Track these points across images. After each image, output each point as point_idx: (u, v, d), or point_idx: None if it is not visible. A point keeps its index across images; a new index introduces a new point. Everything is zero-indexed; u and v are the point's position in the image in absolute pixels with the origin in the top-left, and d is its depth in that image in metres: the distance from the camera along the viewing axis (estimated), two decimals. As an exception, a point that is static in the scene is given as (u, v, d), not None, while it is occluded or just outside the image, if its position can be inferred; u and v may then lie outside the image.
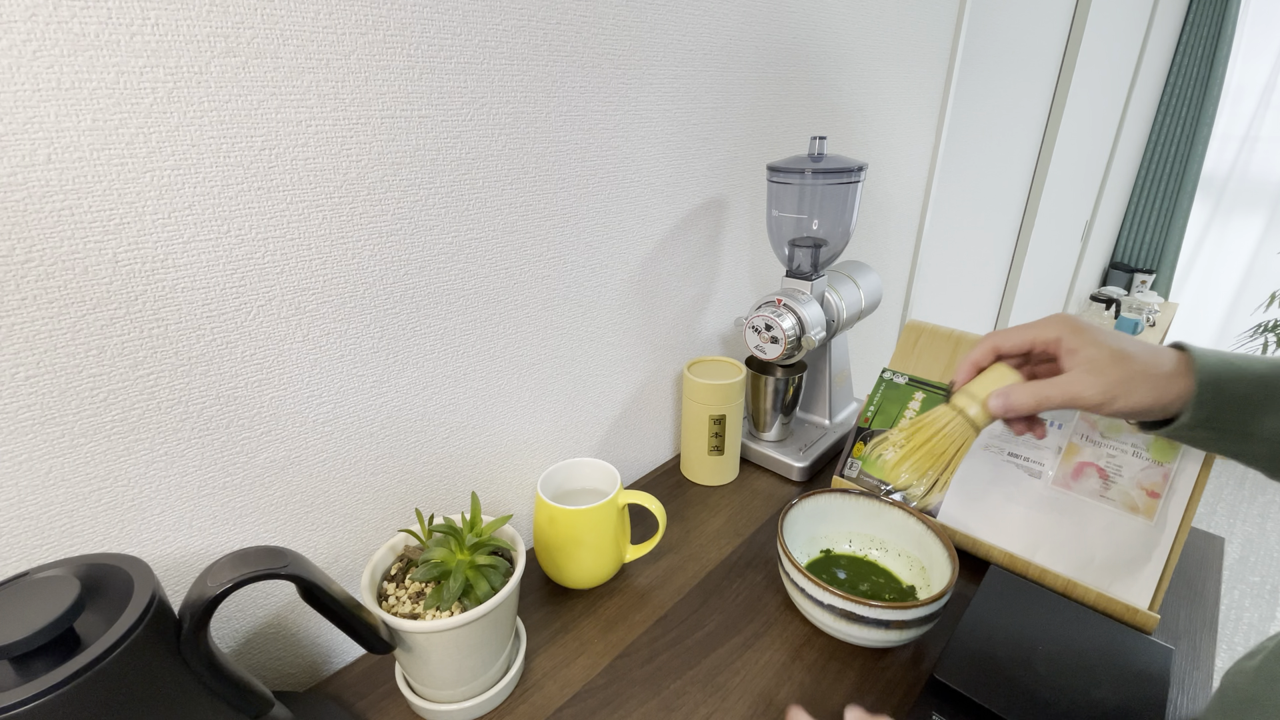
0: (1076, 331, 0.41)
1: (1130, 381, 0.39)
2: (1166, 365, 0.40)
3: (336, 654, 0.54)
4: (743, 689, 0.49)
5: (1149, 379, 0.40)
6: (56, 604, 0.28)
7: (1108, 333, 0.41)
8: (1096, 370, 0.40)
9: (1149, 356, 0.40)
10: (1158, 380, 0.40)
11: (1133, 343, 0.41)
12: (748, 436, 0.79)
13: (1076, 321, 0.42)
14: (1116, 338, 0.41)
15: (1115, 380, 0.39)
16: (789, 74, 0.80)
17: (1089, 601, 0.54)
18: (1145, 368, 0.40)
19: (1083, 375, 0.40)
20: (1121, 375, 0.39)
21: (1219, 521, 2.15)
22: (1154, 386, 0.40)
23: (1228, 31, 2.66)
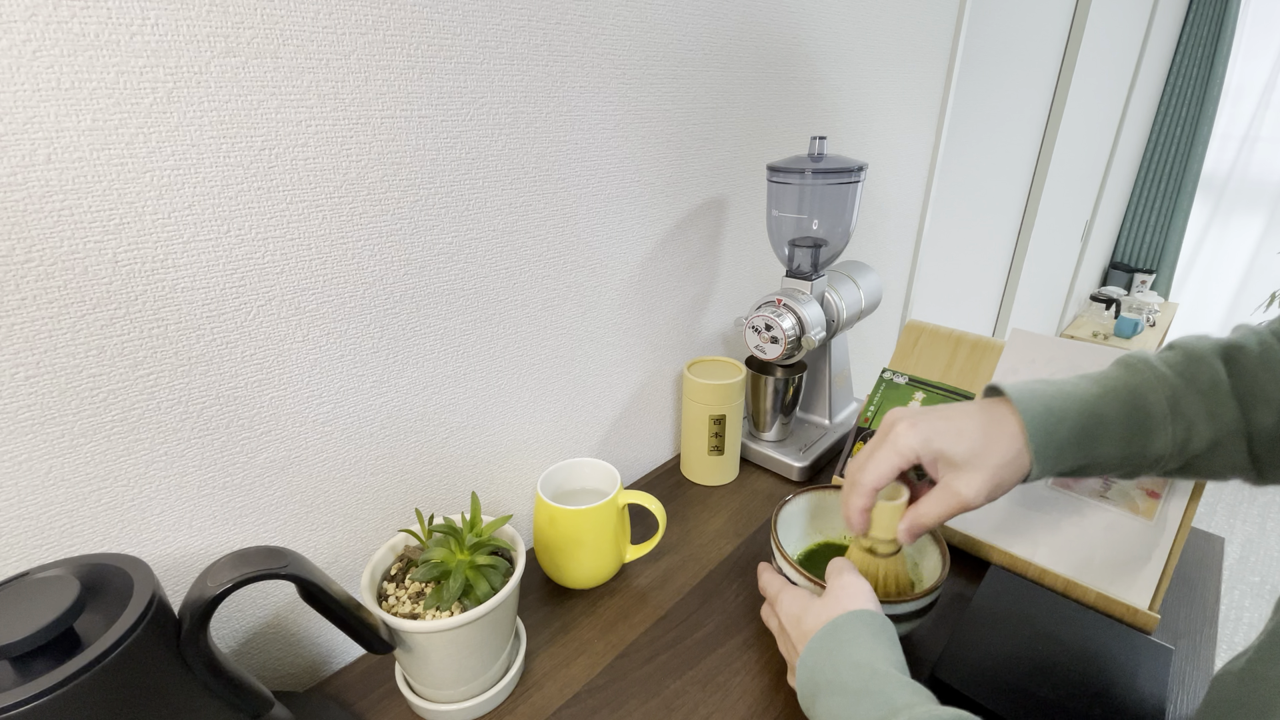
0: (927, 443, 0.44)
1: (1001, 471, 0.43)
2: (1009, 433, 0.43)
3: (336, 654, 0.54)
4: (743, 689, 0.49)
5: (1010, 458, 0.43)
6: (56, 604, 0.28)
7: (946, 430, 0.44)
8: (970, 474, 0.43)
9: (997, 439, 0.43)
10: (1015, 456, 0.43)
11: (969, 430, 0.44)
12: (748, 436, 0.79)
13: (918, 433, 0.44)
14: (958, 434, 0.44)
15: (990, 478, 0.43)
16: (789, 74, 0.80)
17: (1089, 601, 0.54)
18: (1001, 453, 0.43)
19: (965, 484, 0.43)
20: (991, 470, 0.43)
21: (1219, 521, 2.15)
22: (1016, 464, 0.43)
23: (1228, 31, 2.66)
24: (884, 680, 0.37)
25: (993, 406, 0.45)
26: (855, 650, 0.40)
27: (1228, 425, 0.42)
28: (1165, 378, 0.43)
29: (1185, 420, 0.42)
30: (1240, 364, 0.43)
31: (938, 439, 0.44)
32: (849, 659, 0.39)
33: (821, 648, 0.41)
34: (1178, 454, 0.43)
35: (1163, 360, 0.45)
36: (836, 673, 0.39)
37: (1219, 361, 0.43)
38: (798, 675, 0.42)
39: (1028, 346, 0.63)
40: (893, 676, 0.38)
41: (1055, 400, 0.44)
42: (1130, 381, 0.44)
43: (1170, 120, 2.89)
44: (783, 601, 0.47)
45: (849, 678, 0.38)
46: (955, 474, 0.44)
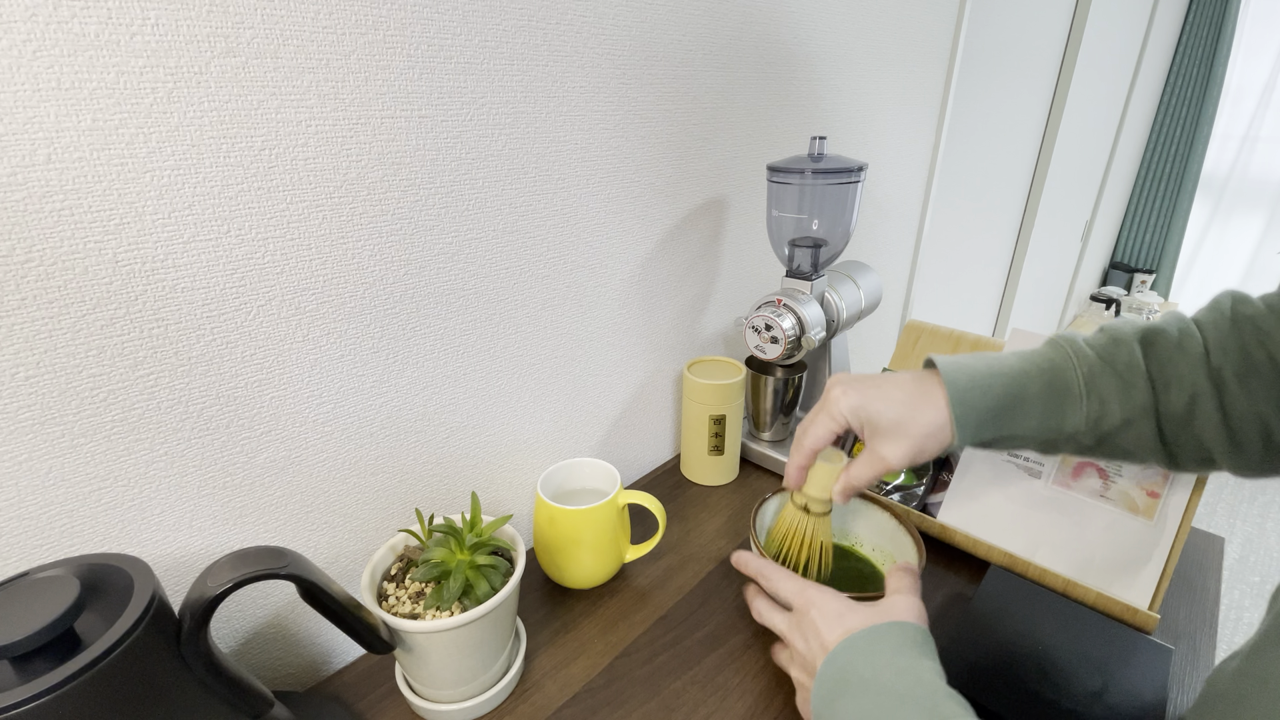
0: (856, 410, 0.47)
1: (924, 439, 0.46)
2: (935, 404, 0.46)
3: (336, 654, 0.54)
4: (743, 689, 0.49)
5: (933, 428, 0.46)
6: (56, 604, 0.28)
7: (877, 396, 0.47)
8: (894, 440, 0.46)
9: (923, 408, 0.46)
10: (939, 427, 0.45)
11: (898, 398, 0.47)
12: (748, 436, 0.79)
13: (850, 399, 0.47)
14: (887, 401, 0.47)
15: (913, 445, 0.46)
16: (789, 74, 0.80)
17: (1089, 601, 0.54)
18: (926, 422, 0.46)
19: (889, 449, 0.46)
20: (915, 438, 0.46)
21: (1219, 521, 2.15)
22: (939, 433, 0.46)
23: (1228, 31, 2.66)
24: (929, 688, 0.37)
25: (923, 377, 0.48)
26: (900, 656, 0.39)
27: (1139, 405, 0.44)
28: (1085, 356, 0.46)
29: (1099, 397, 0.44)
30: (1157, 347, 0.44)
31: (867, 406, 0.47)
32: (892, 662, 0.39)
33: (863, 646, 0.41)
34: (1091, 430, 0.45)
35: (1087, 341, 0.47)
36: (875, 673, 0.38)
37: (1137, 344, 0.45)
38: (821, 669, 0.41)
39: (1028, 346, 0.63)
40: (938, 685, 0.37)
41: (981, 375, 0.46)
42: (1053, 359, 0.46)
43: (1170, 120, 2.89)
44: (810, 594, 0.46)
45: (891, 680, 0.38)
46: (880, 439, 0.47)
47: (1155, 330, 0.45)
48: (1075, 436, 0.45)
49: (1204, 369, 0.43)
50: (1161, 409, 0.44)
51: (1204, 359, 0.43)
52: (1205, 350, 0.43)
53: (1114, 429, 0.45)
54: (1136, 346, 0.45)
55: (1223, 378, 0.42)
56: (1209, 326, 0.44)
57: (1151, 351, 0.45)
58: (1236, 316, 0.43)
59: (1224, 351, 0.43)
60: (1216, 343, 0.43)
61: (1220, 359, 0.43)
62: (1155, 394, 0.44)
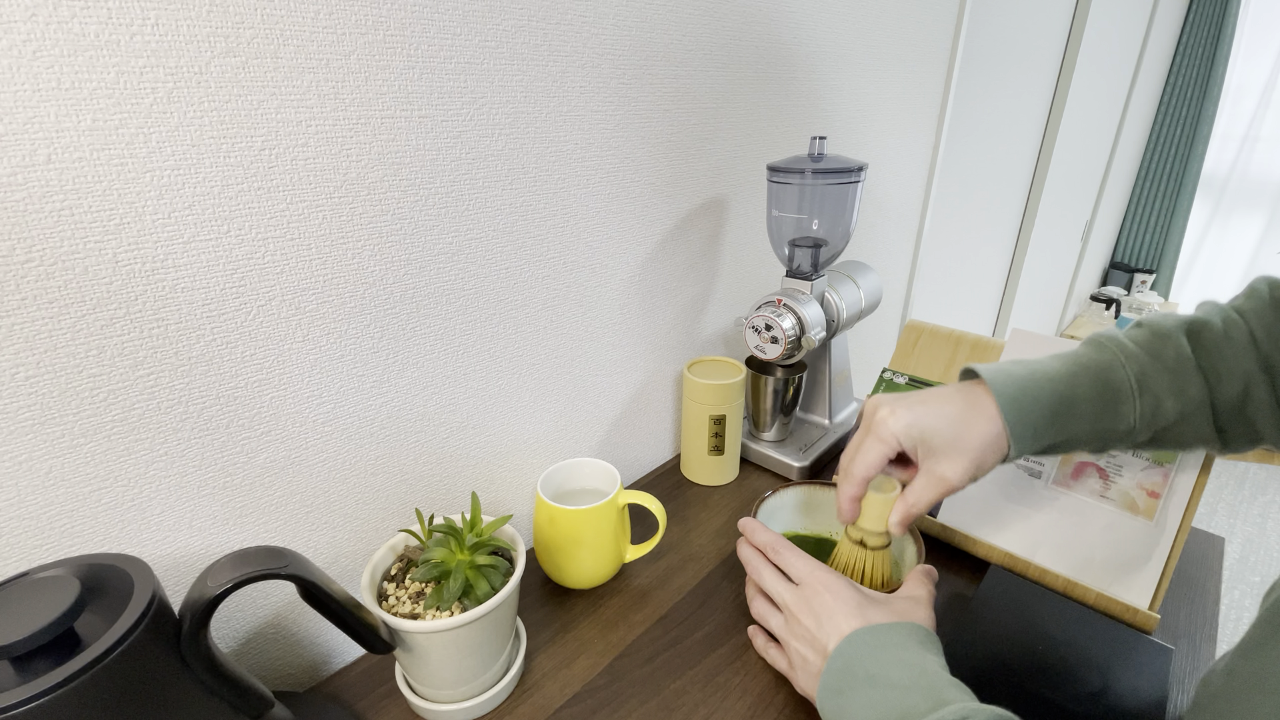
0: (908, 429, 0.44)
1: (982, 453, 0.44)
2: (987, 415, 0.44)
3: (336, 654, 0.54)
4: (743, 689, 0.49)
5: (989, 440, 0.44)
6: (56, 604, 0.28)
7: (928, 414, 0.45)
8: (953, 458, 0.44)
9: (975, 421, 0.44)
10: (995, 438, 0.44)
11: (950, 414, 0.44)
12: (748, 436, 0.79)
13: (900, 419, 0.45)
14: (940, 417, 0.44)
15: (972, 460, 0.44)
16: (789, 74, 0.80)
17: (1089, 601, 0.54)
18: (981, 434, 0.44)
19: (949, 467, 0.44)
20: (973, 452, 0.44)
21: (1219, 521, 2.15)
22: (995, 445, 0.44)
23: (1228, 31, 2.66)
24: (933, 678, 0.38)
25: (968, 390, 0.45)
26: (906, 652, 0.40)
27: (1194, 398, 0.43)
28: (1133, 354, 0.45)
29: (1152, 395, 0.44)
30: (1204, 339, 0.44)
31: (919, 424, 0.44)
32: (898, 657, 0.40)
33: (874, 641, 0.41)
34: (1146, 427, 0.44)
35: (1130, 338, 0.46)
36: (882, 668, 0.39)
37: (1184, 337, 0.44)
38: (831, 660, 0.41)
39: (1028, 346, 0.63)
40: (942, 675, 0.38)
41: (1028, 381, 0.45)
42: (1099, 359, 0.45)
43: (1170, 120, 2.89)
44: (824, 576, 0.46)
45: (897, 674, 0.38)
46: (937, 459, 0.44)
47: (1200, 322, 0.45)
48: (1130, 434, 0.45)
49: (1254, 357, 0.43)
50: (1216, 401, 0.43)
51: (1252, 347, 0.43)
52: (1253, 338, 0.43)
53: (1169, 424, 0.44)
54: (1184, 340, 0.44)
55: (1272, 364, 0.43)
56: (1252, 314, 0.44)
57: (1199, 344, 0.44)
58: (1276, 301, 0.43)
59: (1271, 338, 0.43)
60: (1263, 330, 0.43)
61: (1269, 346, 0.43)
62: (1209, 386, 0.43)
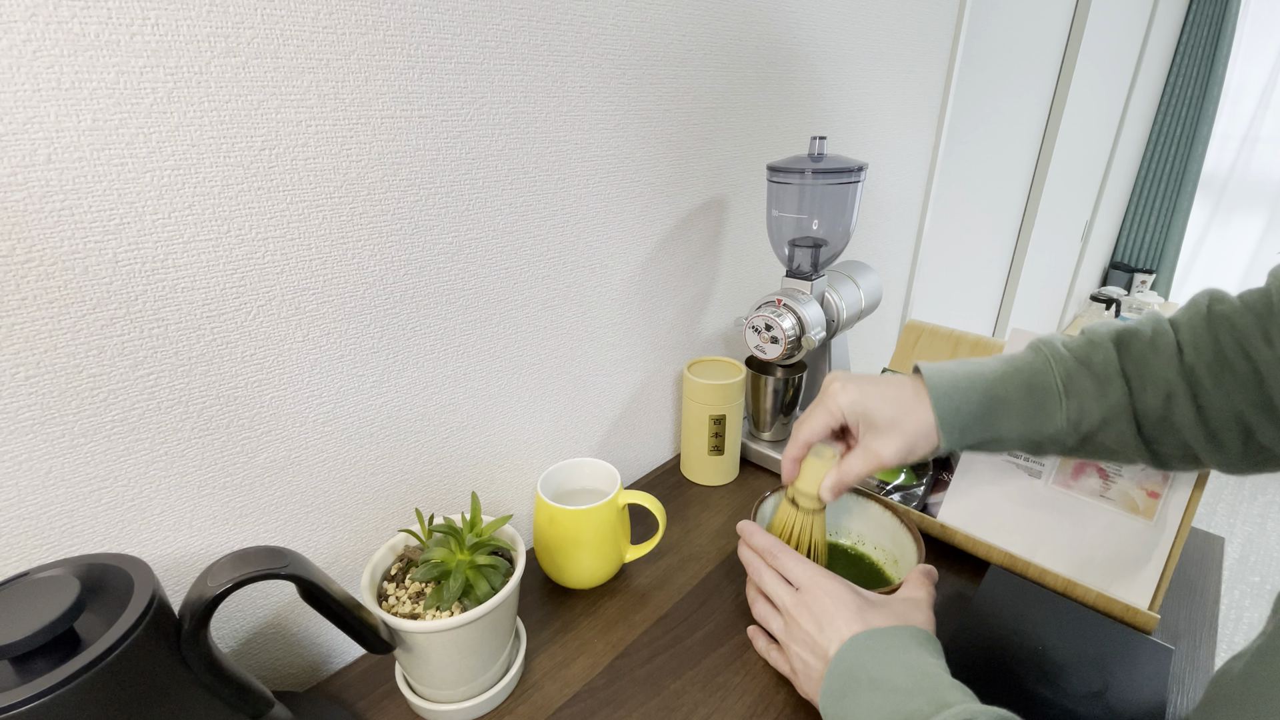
0: (854, 404, 0.48)
1: (915, 439, 0.47)
2: (924, 406, 0.47)
3: (336, 654, 0.54)
4: (743, 689, 0.49)
5: (923, 428, 0.47)
6: (56, 604, 0.28)
7: (875, 393, 0.48)
8: (888, 437, 0.47)
9: (915, 409, 0.47)
10: (928, 428, 0.47)
11: (894, 397, 0.48)
12: (748, 436, 0.79)
13: (849, 394, 0.48)
14: (883, 399, 0.48)
15: (905, 443, 0.47)
16: (789, 74, 0.80)
17: (1089, 601, 0.54)
18: (916, 422, 0.47)
19: (883, 445, 0.47)
20: (907, 436, 0.47)
21: (1219, 521, 2.15)
22: (928, 434, 0.47)
23: (1228, 31, 2.66)
24: (935, 680, 0.38)
25: (916, 381, 0.49)
26: (907, 654, 0.40)
27: (1116, 404, 0.45)
28: (1063, 359, 0.46)
29: (1077, 398, 0.46)
30: (1131, 347, 0.45)
31: (864, 402, 0.48)
32: (900, 660, 0.40)
33: (876, 646, 0.41)
34: (1073, 431, 0.46)
35: (1065, 343, 0.48)
36: (884, 671, 0.39)
37: (1112, 344, 0.46)
38: (833, 664, 0.41)
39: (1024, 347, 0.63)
40: (943, 678, 0.38)
41: (962, 379, 0.48)
42: (1033, 362, 0.47)
43: (1170, 120, 2.89)
44: (824, 580, 0.46)
45: (899, 677, 0.38)
46: (875, 435, 0.48)
47: (1130, 331, 0.46)
48: (1058, 437, 0.46)
49: (1177, 367, 0.44)
50: (1138, 408, 0.45)
51: (1177, 357, 0.44)
52: (1179, 349, 0.44)
53: (1094, 429, 0.45)
54: (1111, 347, 0.46)
55: (1196, 375, 0.43)
56: (1184, 326, 0.45)
57: (1126, 351, 0.45)
58: (1212, 315, 0.44)
59: (1197, 350, 0.43)
60: (1190, 341, 0.44)
61: (1194, 357, 0.43)
62: (1131, 393, 0.45)
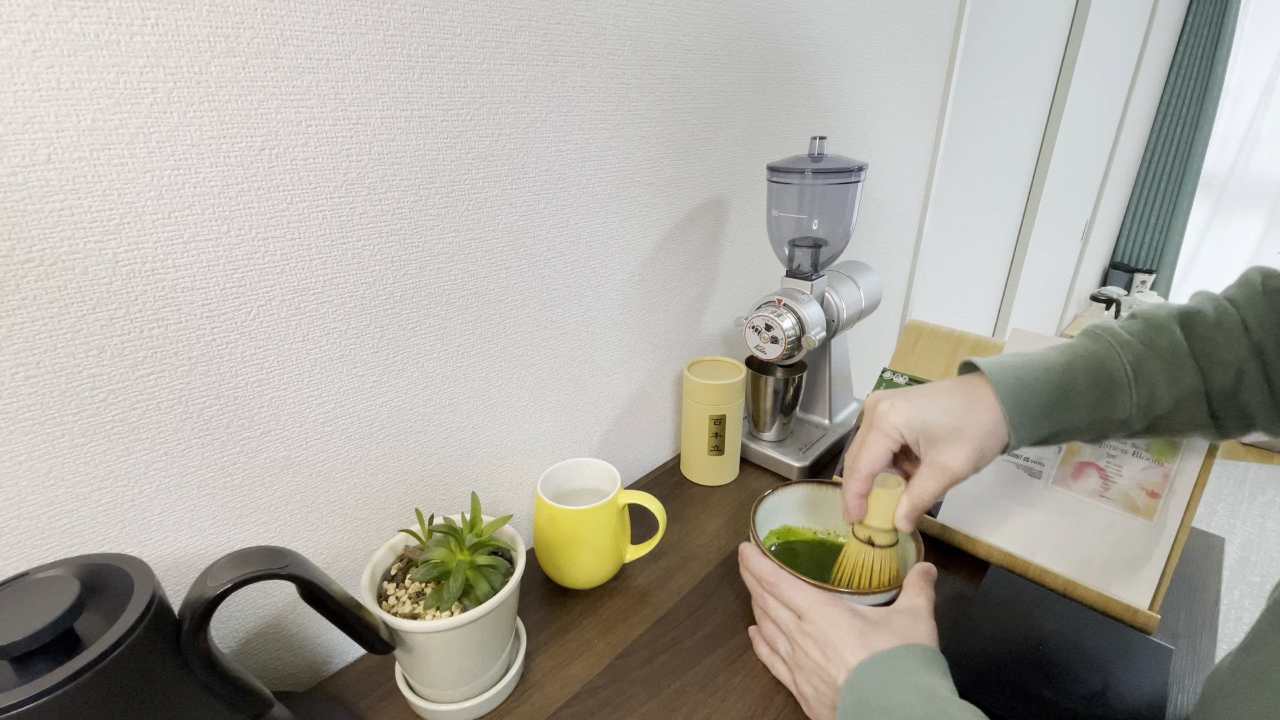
0: (910, 421, 0.45)
1: (984, 441, 0.44)
2: (986, 404, 0.45)
3: (336, 654, 0.54)
4: (743, 689, 0.49)
5: (990, 428, 0.44)
6: (56, 604, 0.28)
7: (928, 405, 0.45)
8: (955, 447, 0.44)
9: (975, 411, 0.45)
10: (994, 426, 0.45)
11: (948, 404, 0.45)
12: (748, 436, 0.79)
13: (901, 412, 0.45)
14: (939, 408, 0.45)
15: (974, 448, 0.44)
16: (789, 74, 0.80)
17: (1089, 601, 0.54)
18: (981, 423, 0.44)
19: (951, 456, 0.44)
20: (975, 440, 0.44)
21: (1219, 521, 2.15)
22: (996, 434, 0.45)
23: (1228, 31, 2.66)
24: (944, 703, 0.38)
25: (966, 381, 0.47)
26: (914, 676, 0.40)
27: (1188, 387, 0.44)
28: (1128, 344, 0.46)
29: (1148, 384, 0.45)
30: (1197, 328, 0.45)
31: (920, 415, 0.45)
32: (908, 682, 0.40)
33: (880, 672, 0.41)
34: (1142, 415, 0.45)
35: (1125, 328, 0.47)
36: (894, 696, 0.39)
37: (1177, 327, 0.45)
38: (843, 695, 0.41)
39: (1028, 346, 0.63)
40: (951, 700, 0.38)
41: (1026, 371, 0.46)
42: (1095, 349, 0.46)
43: (1170, 120, 2.89)
44: (825, 609, 0.45)
45: (909, 701, 0.38)
46: (939, 449, 0.45)
47: (1193, 311, 0.45)
48: (1127, 423, 0.46)
49: (1246, 345, 0.44)
50: (1210, 389, 0.44)
51: (1244, 335, 0.44)
52: (1245, 326, 0.44)
53: (1165, 412, 0.45)
54: (1177, 329, 0.45)
55: (1264, 351, 0.43)
56: (1244, 303, 0.45)
57: (1192, 333, 0.45)
58: (1269, 290, 0.44)
59: (1263, 326, 0.43)
60: (1254, 318, 0.44)
61: (1260, 334, 0.43)
62: (1203, 375, 0.44)
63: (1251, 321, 0.44)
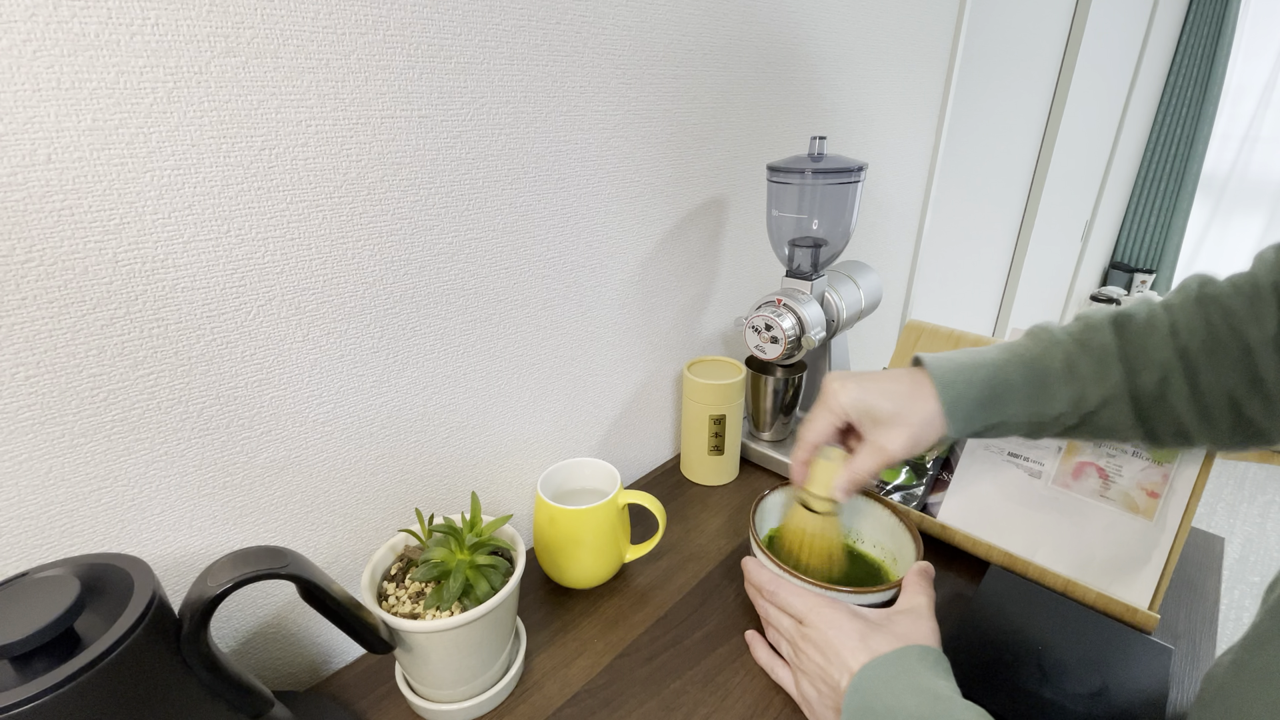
0: (856, 402, 0.49)
1: (921, 429, 0.47)
2: (926, 395, 0.48)
3: (336, 654, 0.54)
4: (743, 689, 0.49)
5: (928, 417, 0.47)
6: (56, 604, 0.28)
7: (874, 388, 0.49)
8: (894, 430, 0.48)
9: (916, 400, 0.48)
10: (932, 416, 0.47)
11: (893, 390, 0.49)
12: (748, 436, 0.79)
13: (849, 392, 0.49)
14: (883, 393, 0.49)
15: (911, 435, 0.47)
16: (789, 74, 0.80)
17: (1089, 601, 0.54)
18: (920, 412, 0.47)
19: (890, 439, 0.48)
20: (913, 427, 0.47)
21: (1219, 521, 2.15)
22: (933, 424, 0.47)
23: (1228, 31, 2.66)
24: (948, 704, 0.38)
25: (915, 373, 0.50)
26: (917, 678, 0.40)
27: (1114, 386, 0.46)
28: (1063, 343, 0.48)
29: (1079, 381, 0.47)
30: (1127, 329, 0.47)
31: (865, 399, 0.49)
32: (911, 685, 0.40)
33: (883, 675, 0.41)
34: (1073, 412, 0.47)
35: (1063, 329, 0.49)
36: (898, 700, 0.39)
37: (1110, 327, 0.47)
38: (847, 699, 0.41)
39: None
40: (955, 700, 0.38)
41: (965, 367, 0.48)
42: (1033, 348, 0.49)
43: (1170, 120, 2.88)
44: (826, 612, 0.45)
45: (913, 704, 0.38)
46: (880, 431, 0.48)
47: (1125, 314, 0.47)
48: (1060, 419, 0.48)
49: (1172, 348, 0.45)
50: (1135, 388, 0.46)
51: (1170, 339, 0.45)
52: (1173, 330, 0.45)
53: (1093, 409, 0.47)
54: (1109, 330, 0.47)
55: (1190, 356, 0.44)
56: (1176, 308, 0.46)
57: (1123, 334, 0.47)
58: (1202, 296, 0.45)
59: (1190, 330, 0.45)
60: (1184, 323, 0.45)
61: (1187, 338, 0.45)
62: (1128, 374, 0.46)
63: (1180, 326, 0.45)
